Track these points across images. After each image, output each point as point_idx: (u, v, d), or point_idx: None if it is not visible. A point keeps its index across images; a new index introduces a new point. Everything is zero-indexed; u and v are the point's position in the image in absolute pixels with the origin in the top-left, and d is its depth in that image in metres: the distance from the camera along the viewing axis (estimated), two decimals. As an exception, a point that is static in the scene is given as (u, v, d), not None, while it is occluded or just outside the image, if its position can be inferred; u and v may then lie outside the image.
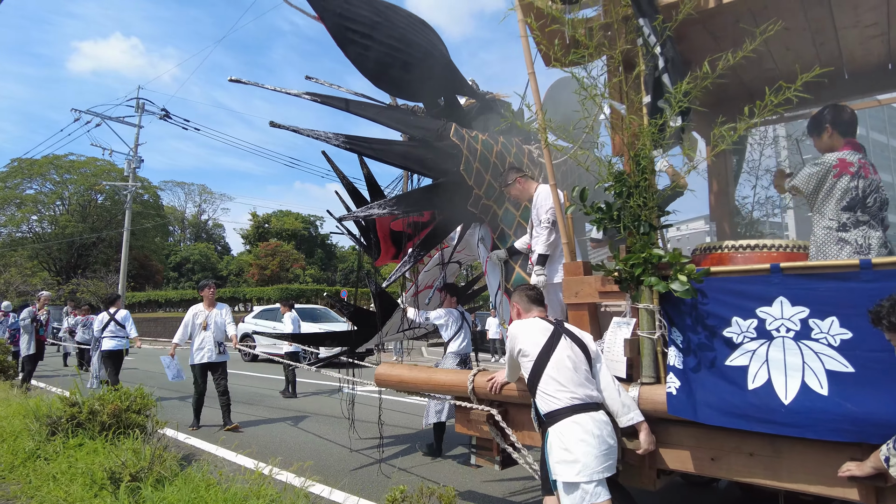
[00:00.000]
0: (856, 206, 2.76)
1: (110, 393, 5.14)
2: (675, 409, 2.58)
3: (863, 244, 2.76)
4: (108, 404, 4.89)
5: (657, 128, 2.65)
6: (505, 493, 4.38)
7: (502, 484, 4.59)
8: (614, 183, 2.76)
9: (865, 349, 2.28)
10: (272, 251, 39.51)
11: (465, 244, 4.79)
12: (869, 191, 2.78)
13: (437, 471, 4.93)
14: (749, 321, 2.55)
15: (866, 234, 2.73)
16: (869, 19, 3.31)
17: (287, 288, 31.06)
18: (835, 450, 2.32)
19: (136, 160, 26.56)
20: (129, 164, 26.43)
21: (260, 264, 38.68)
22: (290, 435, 6.49)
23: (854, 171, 2.78)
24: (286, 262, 39.14)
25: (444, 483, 4.50)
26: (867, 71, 3.94)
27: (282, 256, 39.22)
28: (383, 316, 4.60)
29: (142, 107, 25.91)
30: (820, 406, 2.29)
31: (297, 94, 4.03)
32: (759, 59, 3.87)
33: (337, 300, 5.12)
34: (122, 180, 32.19)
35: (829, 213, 2.81)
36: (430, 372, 3.80)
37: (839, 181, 2.79)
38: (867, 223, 2.75)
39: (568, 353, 2.69)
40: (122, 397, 5.03)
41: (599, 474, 2.46)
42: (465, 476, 4.80)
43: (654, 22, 2.65)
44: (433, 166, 4.18)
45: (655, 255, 2.57)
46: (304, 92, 4.12)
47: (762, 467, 2.52)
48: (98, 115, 25.22)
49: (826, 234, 2.82)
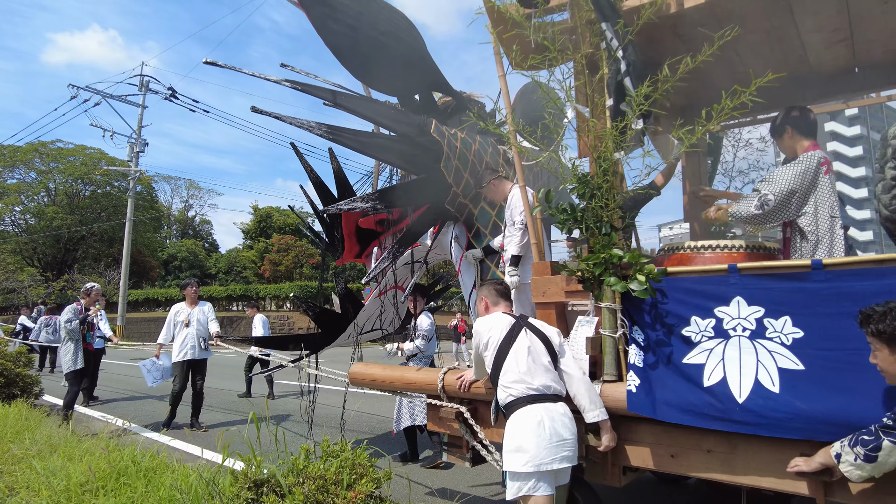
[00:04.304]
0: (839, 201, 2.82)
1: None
2: (634, 406, 2.64)
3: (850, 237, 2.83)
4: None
5: (619, 130, 2.69)
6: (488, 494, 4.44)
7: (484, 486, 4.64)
8: (578, 185, 2.80)
9: (816, 347, 2.34)
10: (286, 246, 35.87)
11: (438, 243, 4.82)
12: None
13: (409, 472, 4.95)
14: (707, 320, 2.60)
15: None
16: (831, 25, 3.36)
17: (307, 286, 28.56)
18: (786, 446, 2.37)
19: (141, 143, 24.88)
20: (131, 147, 24.84)
21: (273, 259, 35.49)
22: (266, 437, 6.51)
23: (830, 169, 2.85)
24: (301, 258, 35.54)
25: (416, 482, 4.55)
26: (836, 74, 4.01)
27: (296, 251, 35.61)
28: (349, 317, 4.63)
29: (146, 85, 24.11)
30: (772, 404, 2.34)
31: (276, 81, 4.01)
32: (730, 63, 3.93)
33: (303, 302, 5.13)
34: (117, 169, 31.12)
35: (829, 209, 2.82)
36: (402, 371, 3.84)
37: (829, 177, 2.84)
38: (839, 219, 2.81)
39: (528, 345, 2.74)
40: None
41: (548, 465, 2.50)
42: (437, 476, 4.84)
43: (616, 26, 2.69)
44: (414, 161, 4.20)
45: (615, 256, 2.61)
46: (283, 79, 4.11)
47: (719, 463, 2.58)
48: (98, 93, 23.66)
49: (831, 224, 2.82)
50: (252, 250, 39.49)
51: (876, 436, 1.94)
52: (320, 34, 3.86)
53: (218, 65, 3.84)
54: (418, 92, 4.62)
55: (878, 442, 1.92)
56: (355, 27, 3.91)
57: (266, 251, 36.96)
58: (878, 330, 1.99)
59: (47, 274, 33.66)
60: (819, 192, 2.84)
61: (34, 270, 33.34)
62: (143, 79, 24.15)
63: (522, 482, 2.51)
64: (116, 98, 24.24)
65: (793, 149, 3.03)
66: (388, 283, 5.42)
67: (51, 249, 36.58)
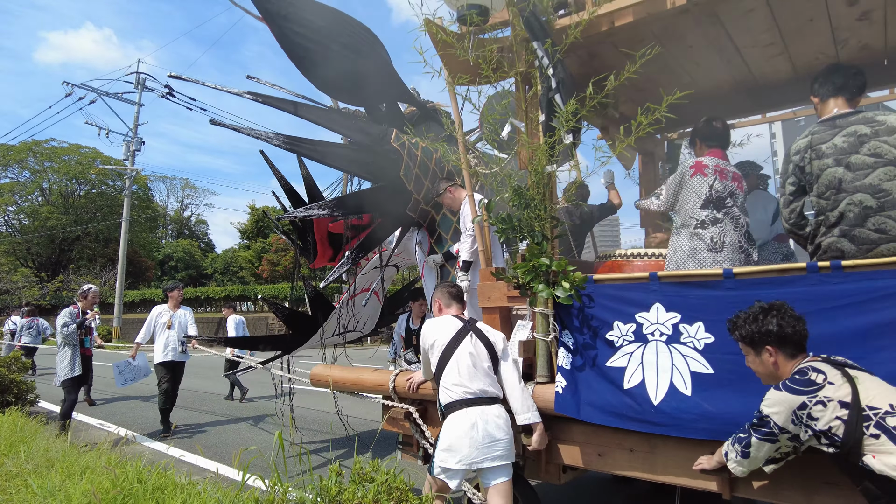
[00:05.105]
0: (710, 205, 2.96)
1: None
2: (561, 407, 2.78)
3: (717, 241, 2.96)
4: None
5: (549, 145, 2.83)
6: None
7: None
8: (513, 196, 2.94)
9: (724, 352, 2.48)
10: (284, 246, 34.53)
11: (403, 248, 4.95)
12: (726, 193, 2.98)
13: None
14: (629, 325, 2.74)
15: (722, 231, 2.93)
16: (765, 39, 3.51)
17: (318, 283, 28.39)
18: (699, 445, 2.51)
19: (137, 142, 24.45)
20: (127, 146, 24.42)
21: (272, 260, 34.94)
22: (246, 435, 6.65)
23: (709, 172, 2.99)
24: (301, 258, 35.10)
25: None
26: (778, 84, 4.15)
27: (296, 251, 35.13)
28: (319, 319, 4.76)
29: (142, 82, 23.67)
30: (683, 406, 2.48)
31: (237, 94, 4.14)
32: (678, 75, 4.07)
33: (272, 304, 5.26)
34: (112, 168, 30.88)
35: (688, 212, 3.02)
36: (358, 372, 3.98)
37: (693, 180, 3.00)
38: (722, 223, 2.95)
39: (470, 349, 2.88)
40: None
41: (479, 464, 2.68)
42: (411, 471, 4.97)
43: (546, 45, 2.83)
44: (374, 170, 4.33)
45: (543, 264, 2.75)
46: (245, 91, 4.23)
47: (641, 462, 2.72)
48: (94, 90, 23.25)
49: (682, 231, 3.05)
50: (249, 250, 39.10)
51: (748, 433, 2.08)
52: (283, 47, 3.98)
53: (182, 78, 3.97)
54: (382, 102, 4.75)
55: (749, 439, 2.07)
56: (317, 41, 4.01)
57: (263, 251, 36.61)
58: (742, 335, 2.14)
59: (42, 275, 33.46)
60: (683, 196, 3.09)
61: (28, 271, 33.09)
62: (139, 76, 23.85)
63: (457, 479, 2.72)
64: (112, 96, 23.86)
65: (699, 156, 3.20)
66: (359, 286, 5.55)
67: (45, 250, 36.47)
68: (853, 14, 3.17)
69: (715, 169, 3.01)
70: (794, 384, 1.95)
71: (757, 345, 2.12)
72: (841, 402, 1.86)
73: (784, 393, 1.96)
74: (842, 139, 2.42)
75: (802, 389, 1.92)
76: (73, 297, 23.09)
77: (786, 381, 1.99)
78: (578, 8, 3.09)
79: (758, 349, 2.12)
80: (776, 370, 2.09)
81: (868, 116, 2.40)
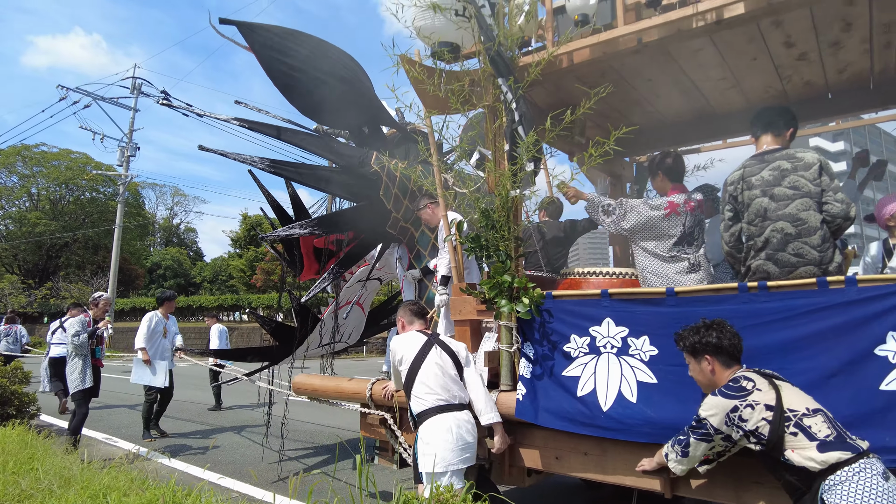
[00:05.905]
0: (682, 242, 3.24)
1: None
2: (521, 413, 3.02)
3: (695, 263, 3.26)
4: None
5: (513, 172, 3.09)
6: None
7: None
8: (480, 217, 3.19)
9: (666, 363, 2.73)
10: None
11: (385, 262, 5.19)
12: (695, 225, 3.27)
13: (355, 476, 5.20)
14: (583, 338, 2.99)
15: (695, 255, 3.28)
16: (717, 75, 3.81)
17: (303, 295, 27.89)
18: (644, 449, 2.75)
19: (132, 147, 24.15)
20: (121, 152, 24.12)
21: (266, 269, 34.07)
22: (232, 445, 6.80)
23: (682, 211, 3.27)
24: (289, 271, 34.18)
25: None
26: (734, 114, 4.45)
27: None
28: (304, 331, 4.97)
29: (138, 87, 23.36)
30: (629, 412, 2.73)
31: (225, 120, 4.39)
32: (641, 104, 4.36)
33: (259, 316, 5.46)
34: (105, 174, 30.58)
35: (659, 245, 3.28)
36: (337, 381, 4.19)
37: (667, 220, 3.27)
38: (691, 247, 3.25)
39: (437, 360, 3.11)
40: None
41: (455, 466, 2.89)
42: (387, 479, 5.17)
43: (509, 81, 3.10)
44: (355, 191, 4.58)
45: (506, 281, 3.00)
46: (232, 117, 4.48)
47: (594, 464, 2.96)
48: (89, 94, 23.05)
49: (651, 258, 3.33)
50: (241, 259, 38.29)
51: (687, 435, 2.34)
52: (269, 75, 4.23)
53: (171, 106, 4.22)
54: (364, 126, 5.00)
55: (688, 439, 2.33)
56: (302, 69, 4.27)
57: (256, 260, 36.28)
58: (686, 345, 2.43)
59: (29, 282, 33.17)
60: (657, 229, 3.34)
61: (15, 278, 32.85)
62: (135, 81, 23.57)
63: (437, 480, 2.88)
64: (107, 100, 23.56)
65: (663, 189, 3.46)
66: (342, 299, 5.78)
67: (32, 256, 36.07)
68: (792, 55, 3.48)
69: (686, 205, 3.30)
70: (729, 390, 2.23)
71: (698, 354, 2.40)
72: (766, 406, 2.13)
73: (719, 398, 2.23)
74: (768, 172, 2.71)
75: (735, 395, 2.20)
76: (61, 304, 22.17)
77: (721, 388, 2.27)
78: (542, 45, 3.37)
79: (698, 358, 2.40)
80: (713, 377, 2.36)
81: (790, 153, 2.69)
